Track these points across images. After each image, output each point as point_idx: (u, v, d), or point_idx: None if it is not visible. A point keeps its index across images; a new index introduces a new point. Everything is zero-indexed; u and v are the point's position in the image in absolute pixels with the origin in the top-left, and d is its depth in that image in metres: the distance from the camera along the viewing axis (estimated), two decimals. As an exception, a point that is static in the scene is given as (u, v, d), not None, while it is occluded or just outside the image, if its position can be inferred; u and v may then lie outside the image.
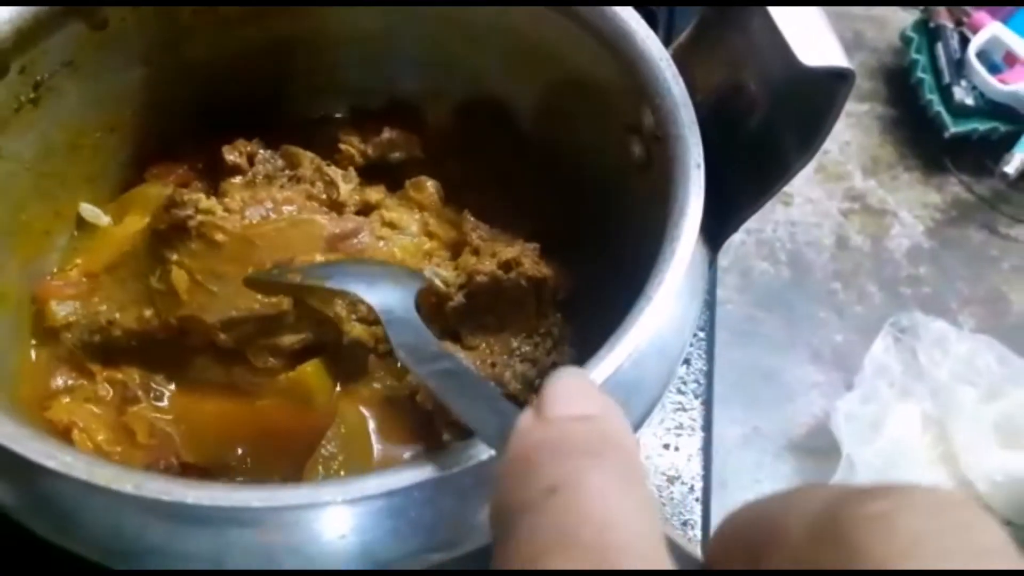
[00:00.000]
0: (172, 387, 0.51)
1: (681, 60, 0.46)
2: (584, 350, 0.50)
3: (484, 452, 0.33)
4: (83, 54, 0.50)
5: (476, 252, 0.49)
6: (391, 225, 0.49)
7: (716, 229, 0.44)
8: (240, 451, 0.49)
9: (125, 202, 0.55)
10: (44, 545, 0.37)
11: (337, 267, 0.47)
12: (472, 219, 0.51)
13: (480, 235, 0.50)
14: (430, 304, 0.49)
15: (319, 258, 0.46)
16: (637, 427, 0.41)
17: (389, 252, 0.48)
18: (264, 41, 0.56)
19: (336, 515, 0.34)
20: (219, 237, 0.45)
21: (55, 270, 0.54)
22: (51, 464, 0.33)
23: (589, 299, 0.51)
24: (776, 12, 0.41)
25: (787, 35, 0.39)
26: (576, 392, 0.24)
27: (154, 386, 0.51)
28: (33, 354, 0.52)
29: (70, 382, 0.51)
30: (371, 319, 0.48)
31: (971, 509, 0.19)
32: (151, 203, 0.53)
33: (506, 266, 0.48)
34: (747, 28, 0.44)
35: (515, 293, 0.48)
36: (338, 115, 0.60)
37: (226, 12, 0.54)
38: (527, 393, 0.46)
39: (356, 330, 0.48)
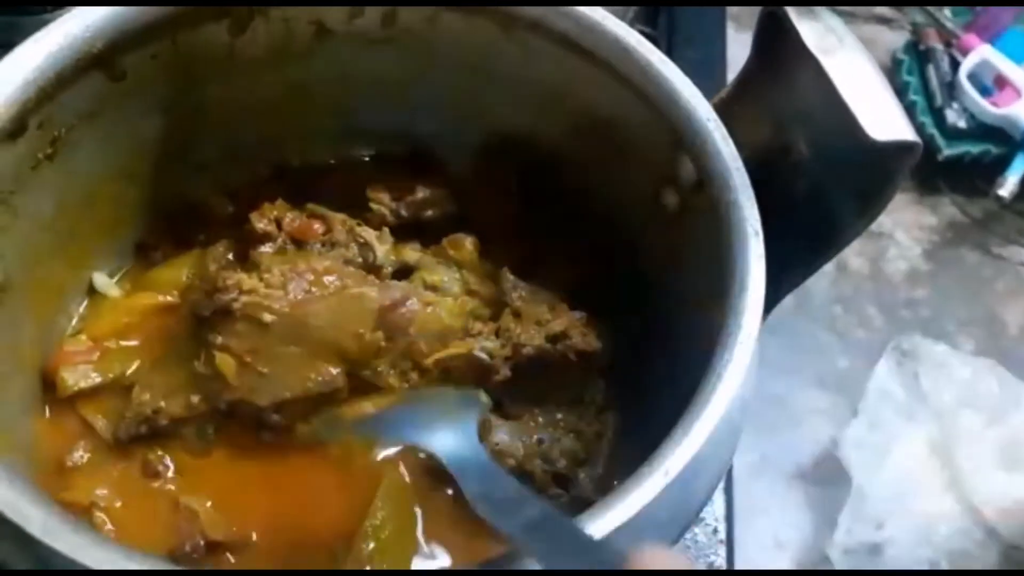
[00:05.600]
0: (195, 459, 0.49)
1: (723, 114, 0.45)
2: (627, 416, 0.50)
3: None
4: (101, 106, 0.48)
5: (517, 314, 0.49)
6: (433, 288, 0.48)
7: (769, 293, 0.43)
8: (268, 524, 0.47)
9: (140, 282, 0.54)
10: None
11: (387, 416, 0.46)
12: (511, 277, 0.50)
13: (520, 295, 0.49)
14: (475, 375, 0.48)
15: (368, 336, 0.45)
16: (704, 504, 0.40)
17: (436, 317, 0.47)
18: (283, 86, 0.54)
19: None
20: (267, 318, 0.44)
21: (67, 334, 0.52)
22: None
23: (625, 358, 0.51)
24: (831, 70, 0.41)
25: (850, 103, 0.38)
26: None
27: (176, 459, 0.49)
28: (47, 424, 0.50)
29: (87, 456, 0.49)
30: (421, 384, 0.47)
31: None
32: (164, 286, 0.53)
33: (554, 339, 0.48)
34: (794, 84, 0.43)
35: (561, 363, 0.48)
36: (361, 158, 0.58)
37: (243, 58, 0.52)
38: (574, 469, 0.46)
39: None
